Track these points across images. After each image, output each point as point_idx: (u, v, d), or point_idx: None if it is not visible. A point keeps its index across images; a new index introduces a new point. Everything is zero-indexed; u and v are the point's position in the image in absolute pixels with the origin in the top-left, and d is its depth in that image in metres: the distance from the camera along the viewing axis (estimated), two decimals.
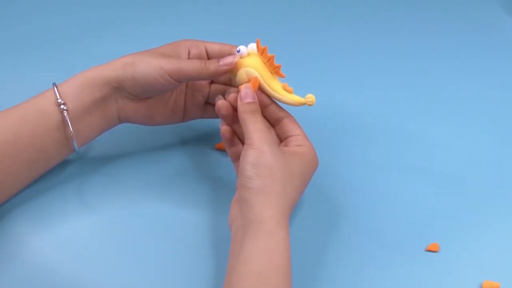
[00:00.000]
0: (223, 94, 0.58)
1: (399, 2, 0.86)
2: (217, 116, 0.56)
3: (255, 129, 0.50)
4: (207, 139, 0.63)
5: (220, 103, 0.54)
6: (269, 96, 0.54)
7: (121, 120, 0.57)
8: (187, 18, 0.80)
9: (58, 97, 0.52)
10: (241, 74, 0.54)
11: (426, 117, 0.68)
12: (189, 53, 0.56)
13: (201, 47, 0.56)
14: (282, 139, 0.55)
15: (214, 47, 0.57)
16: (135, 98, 0.55)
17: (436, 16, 0.84)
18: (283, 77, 0.54)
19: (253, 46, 0.54)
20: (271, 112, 0.55)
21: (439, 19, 0.84)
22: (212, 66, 0.53)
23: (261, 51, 0.53)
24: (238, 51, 0.54)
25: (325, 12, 0.84)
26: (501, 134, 0.66)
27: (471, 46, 0.79)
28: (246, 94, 0.52)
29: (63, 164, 0.58)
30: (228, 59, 0.53)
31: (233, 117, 0.54)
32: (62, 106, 0.52)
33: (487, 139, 0.66)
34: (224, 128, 0.55)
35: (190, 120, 0.60)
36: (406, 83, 0.73)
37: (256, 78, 0.53)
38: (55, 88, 0.52)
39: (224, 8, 0.83)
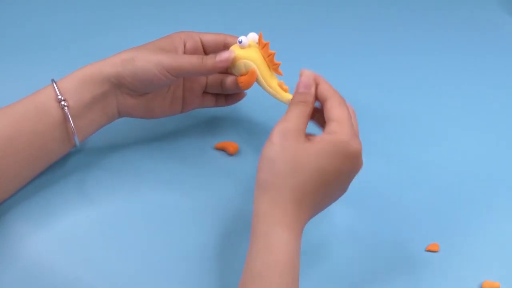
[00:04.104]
0: (221, 84, 0.59)
1: (399, 2, 0.86)
2: (215, 105, 0.57)
3: (279, 122, 0.49)
4: (207, 140, 0.63)
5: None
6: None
7: (121, 114, 0.57)
8: (188, 19, 0.80)
9: (58, 94, 0.52)
10: (240, 65, 0.54)
11: (425, 117, 0.68)
12: (184, 46, 0.56)
13: (196, 38, 0.57)
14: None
15: (208, 38, 0.57)
16: (135, 94, 0.55)
17: (435, 16, 0.84)
18: (281, 75, 0.55)
19: (253, 36, 0.55)
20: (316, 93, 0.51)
21: (438, 19, 0.84)
22: (210, 62, 0.53)
23: (263, 46, 0.54)
24: (240, 42, 0.54)
25: (324, 10, 0.83)
26: (502, 135, 0.66)
27: (470, 46, 0.79)
28: (299, 83, 0.51)
29: (63, 159, 0.58)
30: (224, 56, 0.53)
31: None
32: (62, 103, 0.52)
33: (488, 139, 0.66)
34: None
35: (189, 111, 0.61)
36: (405, 84, 0.72)
37: (254, 70, 0.54)
38: (55, 85, 0.52)
39: (225, 9, 0.82)
